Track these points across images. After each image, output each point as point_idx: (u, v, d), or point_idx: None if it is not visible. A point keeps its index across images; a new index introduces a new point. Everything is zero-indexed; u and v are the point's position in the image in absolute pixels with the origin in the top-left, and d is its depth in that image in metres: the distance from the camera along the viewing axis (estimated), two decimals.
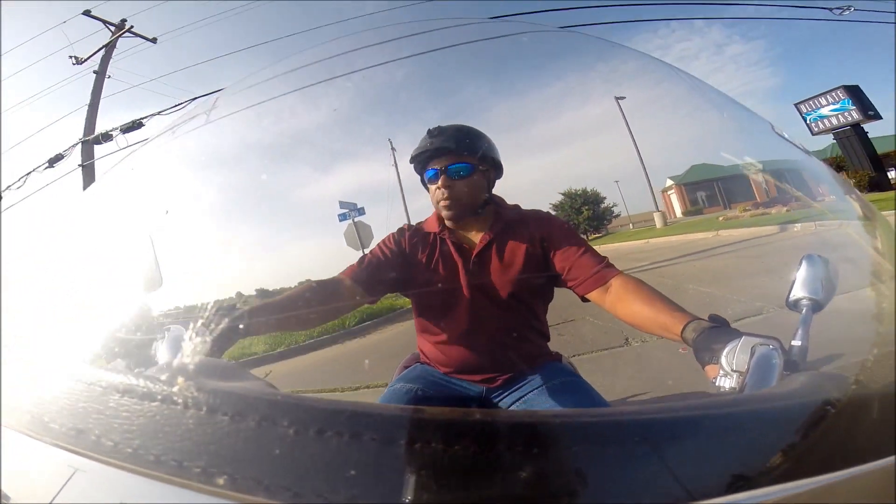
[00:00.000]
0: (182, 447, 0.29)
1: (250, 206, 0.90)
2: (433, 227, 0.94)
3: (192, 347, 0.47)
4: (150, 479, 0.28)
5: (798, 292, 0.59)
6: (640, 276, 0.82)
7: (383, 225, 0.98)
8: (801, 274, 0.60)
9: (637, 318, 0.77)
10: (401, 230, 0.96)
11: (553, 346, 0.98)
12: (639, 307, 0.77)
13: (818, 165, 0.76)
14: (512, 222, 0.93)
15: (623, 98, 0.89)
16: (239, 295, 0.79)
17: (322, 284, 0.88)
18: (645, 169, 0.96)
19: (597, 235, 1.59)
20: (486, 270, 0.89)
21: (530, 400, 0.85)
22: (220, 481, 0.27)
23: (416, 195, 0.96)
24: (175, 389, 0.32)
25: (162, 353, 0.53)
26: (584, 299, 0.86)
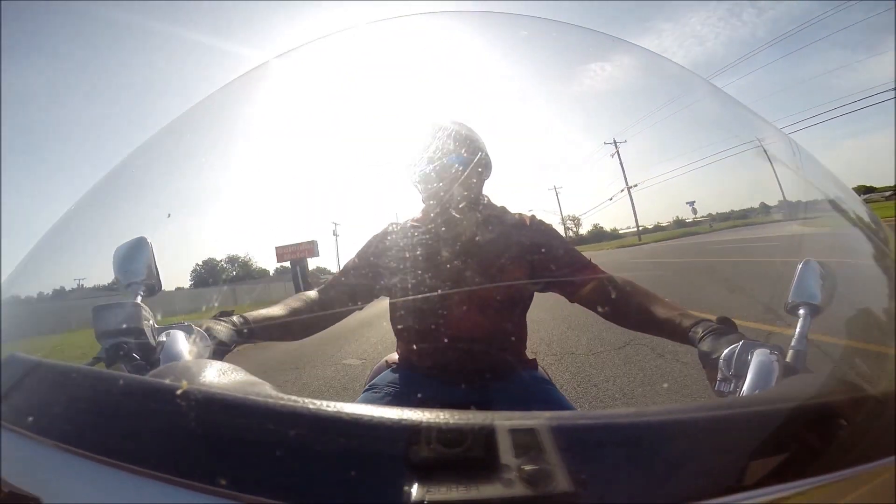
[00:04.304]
0: (183, 448, 0.29)
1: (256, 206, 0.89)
2: (421, 225, 0.91)
3: (195, 350, 0.47)
4: (151, 480, 0.28)
5: (796, 297, 0.59)
6: None
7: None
8: (799, 279, 0.60)
9: (635, 321, 0.76)
10: (386, 230, 0.93)
11: None
12: (636, 309, 0.76)
13: None
14: (500, 224, 0.91)
15: None
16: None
17: (313, 295, 0.87)
18: None
19: None
20: (473, 271, 0.87)
21: (509, 406, 0.83)
22: (222, 482, 0.27)
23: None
24: (177, 391, 0.32)
25: (164, 355, 0.53)
26: (572, 300, 0.85)
